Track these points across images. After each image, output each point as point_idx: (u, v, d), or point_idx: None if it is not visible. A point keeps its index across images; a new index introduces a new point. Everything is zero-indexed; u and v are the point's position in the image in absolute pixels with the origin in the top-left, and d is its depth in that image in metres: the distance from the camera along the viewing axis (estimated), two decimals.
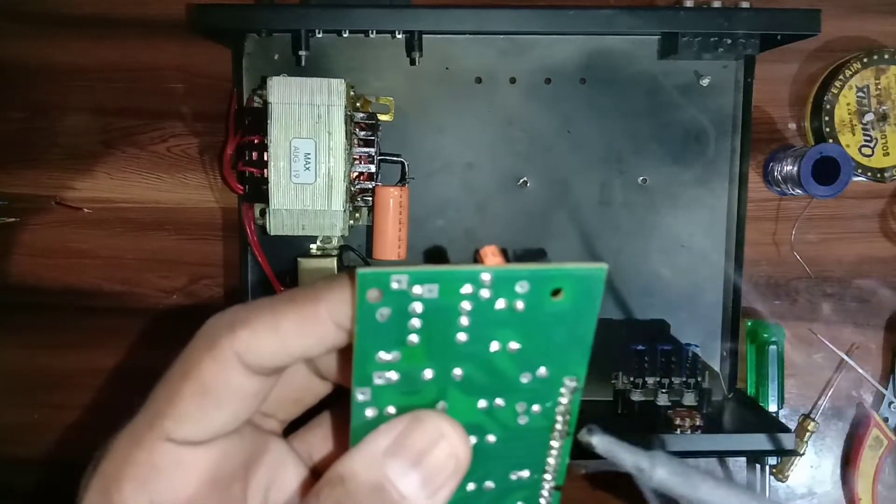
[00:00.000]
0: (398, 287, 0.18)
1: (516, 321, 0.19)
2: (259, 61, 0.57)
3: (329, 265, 0.56)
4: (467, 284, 0.19)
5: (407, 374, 0.20)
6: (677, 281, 0.61)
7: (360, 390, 0.20)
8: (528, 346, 0.20)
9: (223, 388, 0.20)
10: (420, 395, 0.20)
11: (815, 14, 0.53)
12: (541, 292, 0.19)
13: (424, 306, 0.19)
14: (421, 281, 0.18)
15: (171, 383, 0.20)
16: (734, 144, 0.59)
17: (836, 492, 0.65)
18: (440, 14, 0.54)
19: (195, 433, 0.20)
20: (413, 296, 0.19)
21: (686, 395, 0.58)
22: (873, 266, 0.64)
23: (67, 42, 0.61)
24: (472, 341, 0.19)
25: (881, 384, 0.63)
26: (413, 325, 0.19)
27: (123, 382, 0.63)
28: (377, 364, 0.19)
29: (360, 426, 0.20)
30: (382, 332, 0.19)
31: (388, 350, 0.19)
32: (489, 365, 0.20)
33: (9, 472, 0.64)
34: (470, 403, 0.20)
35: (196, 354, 0.20)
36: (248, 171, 0.54)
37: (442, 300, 0.19)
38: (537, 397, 0.20)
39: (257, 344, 0.20)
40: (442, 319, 0.19)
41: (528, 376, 0.20)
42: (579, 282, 0.19)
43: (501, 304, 0.19)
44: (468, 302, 0.19)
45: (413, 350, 0.19)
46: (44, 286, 0.63)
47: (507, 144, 0.59)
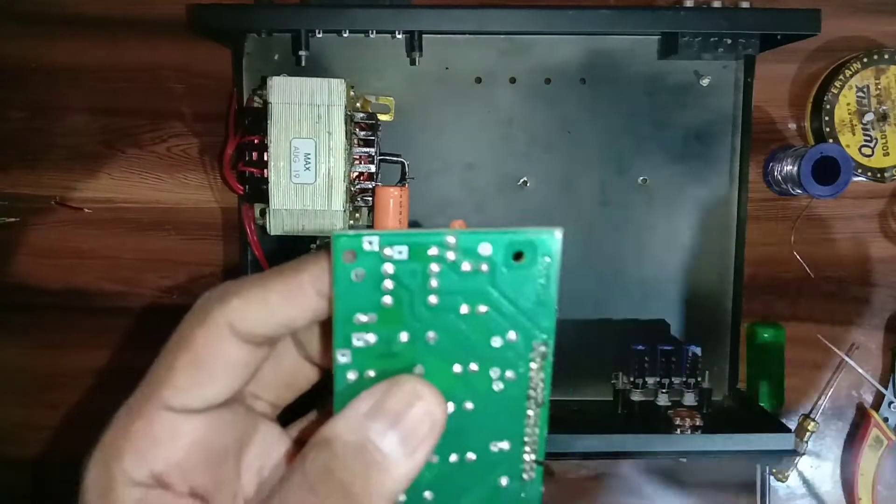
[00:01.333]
0: (370, 248, 0.20)
1: (482, 284, 0.21)
2: (259, 61, 0.57)
3: None
4: (434, 247, 0.20)
5: (384, 336, 0.21)
6: (677, 281, 0.61)
7: (341, 352, 0.21)
8: (496, 310, 0.21)
9: (217, 357, 0.21)
10: (398, 358, 0.21)
11: (815, 14, 0.53)
12: (503, 255, 0.20)
13: (396, 268, 0.20)
14: (391, 243, 0.20)
15: (168, 354, 0.22)
16: (734, 144, 0.59)
17: (836, 492, 0.65)
18: (440, 14, 0.54)
19: (191, 401, 0.21)
20: (384, 257, 0.20)
21: (686, 395, 0.58)
22: (873, 266, 0.64)
23: (67, 42, 0.61)
24: (442, 304, 0.21)
25: (881, 384, 0.63)
26: (386, 286, 0.20)
27: (123, 382, 0.62)
28: (355, 325, 0.21)
29: (343, 390, 0.21)
30: (358, 293, 0.20)
31: (365, 312, 0.21)
32: (460, 329, 0.21)
33: (9, 472, 0.64)
34: (445, 368, 0.21)
35: (190, 326, 0.21)
36: (248, 171, 0.54)
37: (411, 262, 0.20)
38: (509, 363, 0.21)
39: (247, 313, 0.21)
40: (413, 282, 0.20)
41: (499, 341, 0.21)
42: (537, 245, 0.20)
43: (467, 266, 0.20)
44: (436, 264, 0.20)
45: (388, 312, 0.21)
46: (44, 286, 0.63)
47: (507, 144, 0.59)
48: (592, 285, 0.60)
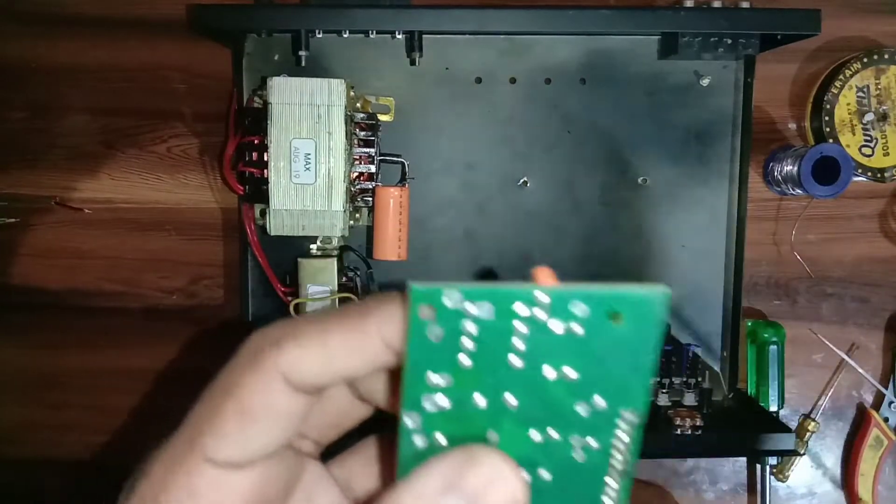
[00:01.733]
0: (451, 304, 0.18)
1: (573, 346, 0.18)
2: (259, 61, 0.57)
3: (329, 265, 0.56)
4: (522, 304, 0.18)
5: (458, 399, 0.19)
6: (677, 281, 0.61)
7: (409, 415, 0.19)
8: (585, 374, 0.19)
9: (266, 407, 0.19)
10: (471, 423, 0.19)
11: (815, 14, 0.53)
12: (599, 316, 0.18)
13: (478, 326, 0.18)
14: (475, 298, 0.18)
15: (213, 401, 0.19)
16: (734, 144, 0.59)
17: (836, 492, 0.65)
18: (440, 14, 0.54)
19: (236, 454, 0.19)
20: (466, 314, 0.18)
21: (686, 395, 0.58)
22: (873, 266, 0.64)
23: (67, 42, 0.61)
24: (526, 366, 0.19)
25: (881, 384, 0.63)
26: (465, 345, 0.18)
27: (123, 382, 0.63)
28: (427, 387, 0.19)
29: (408, 455, 0.19)
30: (434, 352, 0.18)
31: (439, 372, 0.19)
32: (544, 393, 0.19)
33: (9, 472, 0.64)
34: (523, 435, 0.19)
35: (239, 371, 0.19)
36: (248, 171, 0.54)
37: (496, 320, 0.18)
38: (594, 430, 0.19)
39: (304, 360, 0.19)
40: (495, 341, 0.18)
41: (585, 407, 0.19)
42: (639, 306, 0.18)
43: (558, 326, 0.18)
44: (523, 323, 0.18)
45: (465, 373, 0.19)
46: (44, 286, 0.63)
47: (507, 144, 0.59)
48: None
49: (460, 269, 0.60)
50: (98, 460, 0.63)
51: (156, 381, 0.63)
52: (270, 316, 0.59)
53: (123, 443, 0.63)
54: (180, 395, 0.63)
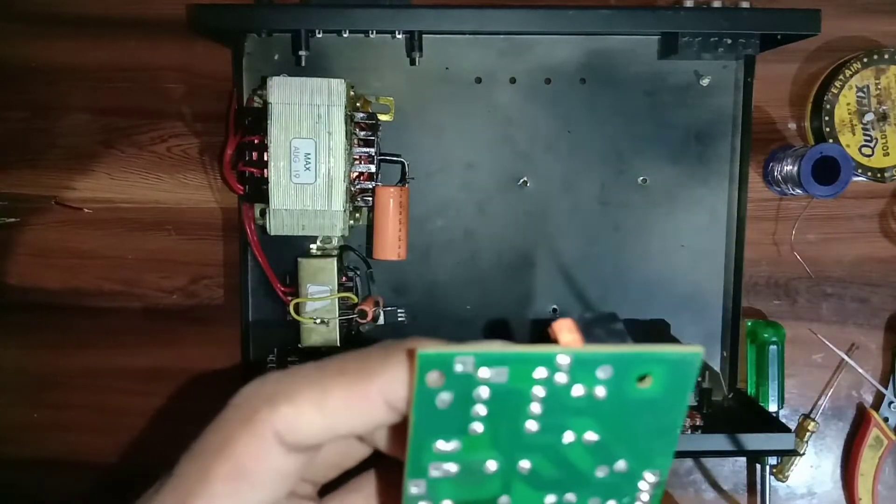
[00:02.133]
0: (463, 370, 0.16)
1: (595, 409, 0.17)
2: (259, 61, 0.57)
3: (329, 265, 0.56)
4: (541, 368, 0.17)
5: (467, 465, 0.18)
6: (677, 281, 0.61)
7: (414, 483, 0.18)
8: (607, 437, 0.17)
9: (260, 469, 0.18)
10: (481, 488, 0.18)
11: (815, 14, 0.53)
12: (625, 378, 0.17)
13: (491, 391, 0.17)
14: (489, 363, 0.16)
15: (203, 459, 0.18)
16: (734, 144, 0.59)
17: (836, 492, 0.65)
18: (440, 14, 0.54)
19: None
20: (479, 380, 0.17)
21: None
22: (873, 266, 0.64)
23: (67, 42, 0.61)
24: (543, 431, 0.17)
25: (881, 384, 0.63)
26: (477, 412, 0.17)
27: (123, 382, 0.63)
28: (434, 455, 0.17)
29: None
30: (442, 419, 0.17)
31: (448, 439, 0.17)
32: (561, 457, 0.18)
33: (9, 472, 0.64)
34: (537, 499, 0.18)
35: (231, 429, 0.18)
36: (248, 171, 0.54)
37: (511, 385, 0.17)
38: (613, 493, 0.18)
39: (300, 422, 0.18)
40: (510, 406, 0.17)
41: (605, 470, 0.18)
42: (671, 367, 0.17)
43: (579, 390, 0.17)
44: (541, 387, 0.17)
45: (476, 439, 0.17)
46: (44, 286, 0.63)
47: (507, 144, 0.59)
48: (592, 285, 0.60)
49: (460, 269, 0.60)
50: (98, 460, 0.63)
51: (156, 381, 0.63)
52: (270, 316, 0.59)
53: (123, 443, 0.63)
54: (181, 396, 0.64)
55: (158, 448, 0.62)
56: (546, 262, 0.60)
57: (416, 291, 0.60)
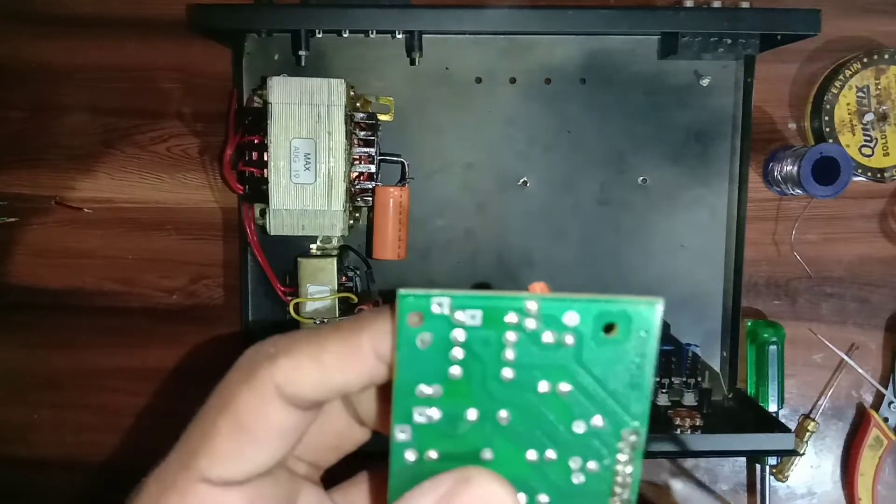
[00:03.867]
0: (439, 311, 0.18)
1: (566, 359, 0.18)
2: (259, 61, 0.57)
3: (329, 265, 0.56)
4: (512, 313, 0.18)
5: (449, 412, 0.19)
6: (677, 281, 0.61)
7: (400, 428, 0.19)
8: (581, 390, 0.18)
9: (262, 424, 0.19)
10: (464, 439, 0.19)
11: (815, 14, 0.53)
12: (592, 327, 0.18)
13: (467, 335, 0.18)
14: (463, 306, 0.18)
15: (207, 418, 0.19)
16: (734, 144, 0.59)
17: (836, 492, 0.65)
18: (440, 14, 0.54)
19: (231, 472, 0.19)
20: (455, 322, 0.18)
21: (686, 395, 0.58)
22: (873, 266, 0.64)
23: (67, 42, 0.61)
24: (518, 379, 0.18)
25: (881, 384, 0.63)
26: (455, 355, 0.18)
27: (124, 382, 0.63)
28: (418, 399, 0.18)
29: (400, 472, 0.19)
30: (423, 361, 0.18)
31: (430, 383, 0.18)
32: (538, 409, 0.18)
33: (9, 472, 0.64)
34: (518, 454, 0.19)
35: (233, 387, 0.19)
36: (248, 171, 0.54)
37: (485, 329, 0.18)
38: (593, 452, 0.19)
39: (298, 375, 0.19)
40: (486, 352, 0.18)
41: (582, 426, 0.18)
42: (635, 317, 0.18)
43: (549, 337, 0.18)
44: (514, 333, 0.18)
45: (456, 385, 0.18)
46: (44, 286, 0.63)
47: (507, 144, 0.59)
48: (592, 285, 0.60)
49: (460, 269, 0.60)
50: (98, 460, 0.63)
51: (156, 380, 0.63)
52: (270, 316, 0.59)
53: (123, 443, 0.63)
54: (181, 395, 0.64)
55: (158, 448, 0.62)
56: (546, 262, 0.60)
57: None
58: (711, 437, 0.54)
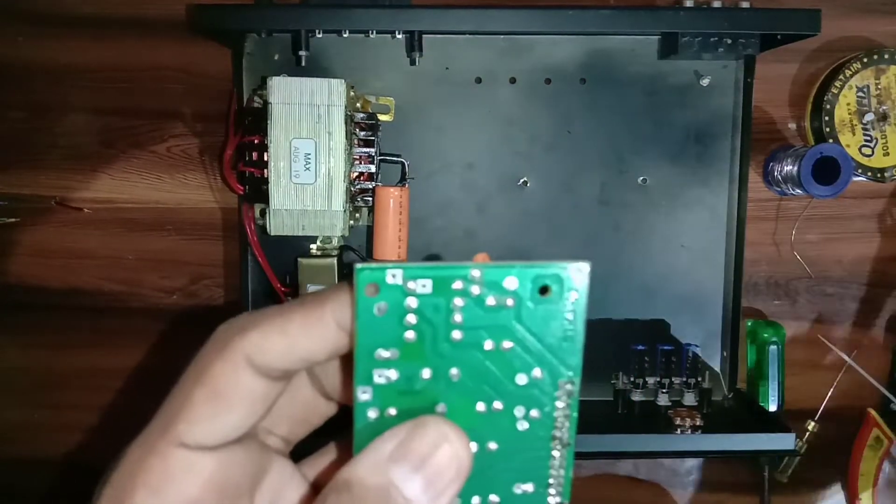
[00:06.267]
0: (393, 281, 0.20)
1: (507, 319, 0.20)
2: (259, 61, 0.57)
3: (329, 265, 0.56)
4: (458, 280, 0.20)
5: (406, 372, 0.20)
6: (677, 281, 0.61)
7: (362, 388, 0.20)
8: (521, 346, 0.20)
9: (234, 390, 0.20)
10: (420, 396, 0.21)
11: (815, 14, 0.53)
12: (529, 289, 0.20)
13: (419, 302, 0.20)
14: (414, 276, 0.20)
15: (184, 388, 0.21)
16: (734, 144, 0.59)
17: (836, 492, 0.65)
18: (440, 14, 0.54)
19: (207, 437, 0.20)
20: (408, 291, 0.20)
21: (686, 395, 0.58)
22: (873, 266, 0.64)
23: (67, 42, 0.61)
24: (466, 340, 0.20)
25: (881, 384, 0.63)
26: (409, 321, 0.20)
27: (123, 382, 0.63)
28: (377, 361, 0.20)
29: (363, 429, 0.21)
30: (381, 327, 0.20)
31: (387, 347, 0.20)
32: (484, 365, 0.20)
33: (9, 472, 0.64)
34: (468, 406, 0.21)
35: (207, 358, 0.21)
36: (248, 171, 0.54)
37: (435, 296, 0.20)
38: (534, 401, 0.21)
39: (266, 345, 0.20)
40: (436, 316, 0.20)
41: (524, 378, 0.20)
42: (565, 279, 0.20)
43: (492, 300, 0.20)
44: (460, 298, 0.20)
45: (411, 347, 0.20)
46: (44, 286, 0.63)
47: (507, 144, 0.59)
48: (592, 285, 0.60)
49: None
50: (98, 460, 0.63)
51: (156, 381, 0.63)
52: None
53: (123, 443, 0.63)
54: None
55: None
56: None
57: None
58: (711, 437, 0.54)
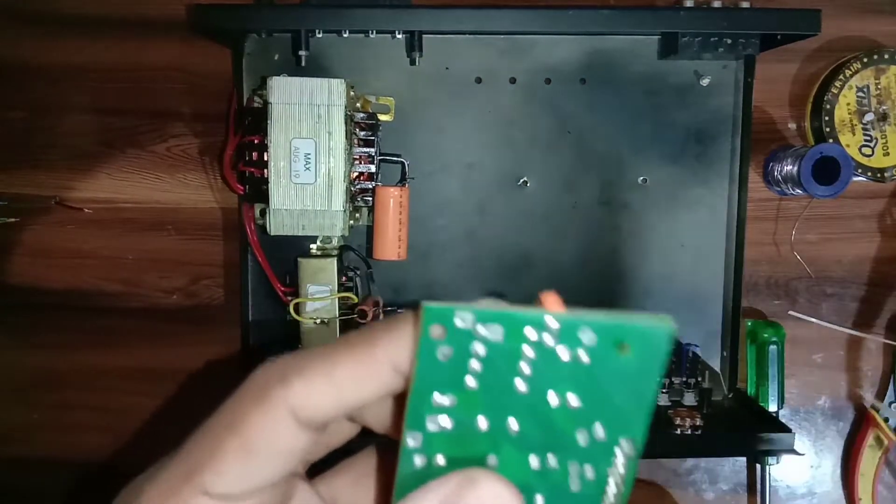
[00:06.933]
0: (462, 325, 0.18)
1: (578, 374, 0.19)
2: (259, 61, 0.57)
3: (329, 265, 0.56)
4: (532, 329, 0.18)
5: (461, 421, 0.19)
6: (677, 281, 0.61)
7: (412, 435, 0.19)
8: (588, 402, 0.19)
9: (271, 445, 0.19)
10: (472, 445, 0.19)
11: (815, 14, 0.53)
12: (606, 345, 0.18)
13: (487, 348, 0.18)
14: (486, 320, 0.18)
15: (215, 435, 0.19)
16: (734, 144, 0.59)
17: (836, 492, 0.65)
18: (440, 14, 0.54)
19: (235, 488, 0.19)
20: (477, 335, 0.18)
21: (686, 395, 0.58)
22: (873, 266, 0.64)
23: (67, 42, 0.61)
24: (531, 391, 0.19)
25: (881, 384, 0.63)
26: (473, 367, 0.19)
27: (123, 382, 0.63)
28: (432, 407, 0.19)
29: (407, 476, 0.19)
30: (441, 372, 0.18)
31: (445, 392, 0.19)
32: (546, 419, 0.19)
33: (9, 472, 0.64)
34: (522, 460, 0.19)
35: (244, 406, 0.19)
36: (248, 171, 0.54)
37: (505, 343, 0.18)
38: (591, 459, 0.19)
39: (312, 396, 0.19)
40: (503, 364, 0.19)
41: (585, 435, 0.19)
42: (646, 338, 0.18)
43: (564, 353, 0.18)
44: (531, 348, 0.18)
45: (470, 395, 0.19)
46: (44, 286, 0.63)
47: (507, 144, 0.59)
48: (592, 285, 0.60)
49: (460, 269, 0.60)
50: (98, 460, 0.63)
51: (156, 381, 0.63)
52: (270, 316, 0.59)
53: (123, 443, 0.63)
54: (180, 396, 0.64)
55: (158, 448, 0.62)
56: (546, 262, 0.60)
57: (416, 291, 0.60)
58: (711, 437, 0.54)
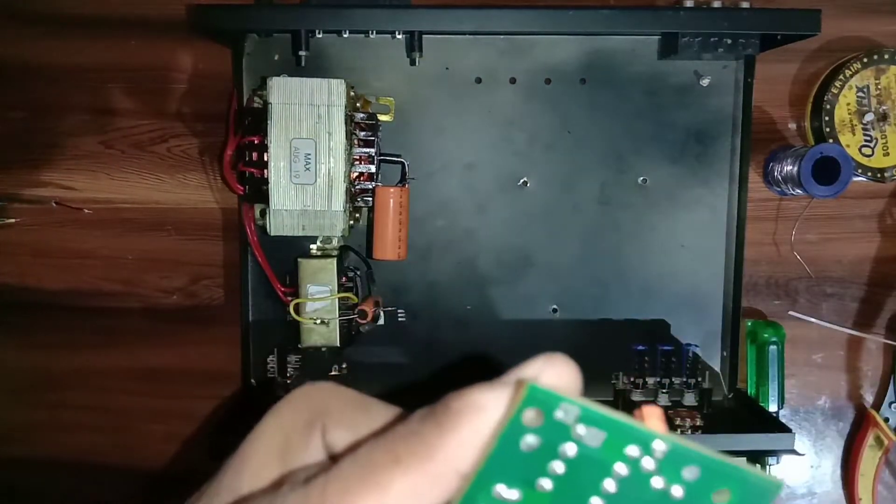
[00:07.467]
0: (562, 418, 0.16)
1: None
2: (259, 61, 0.57)
3: (329, 265, 0.56)
4: (635, 446, 0.16)
5: None
6: (677, 281, 0.61)
7: None
8: None
9: None
10: None
11: (815, 14, 0.53)
12: (707, 484, 0.16)
13: (578, 451, 0.16)
14: (590, 422, 0.16)
15: None
16: (734, 144, 0.59)
17: (836, 492, 0.65)
18: (440, 14, 0.54)
19: None
20: (573, 434, 0.16)
21: (686, 395, 0.58)
22: (873, 266, 0.64)
23: (67, 42, 0.61)
24: None
25: (881, 384, 0.63)
26: (554, 468, 0.16)
27: (123, 382, 0.63)
28: (491, 498, 0.16)
29: None
30: (517, 463, 0.16)
31: (513, 486, 0.16)
32: None
33: (9, 472, 0.64)
34: None
35: None
36: (248, 171, 0.54)
37: (601, 452, 0.16)
38: None
39: None
40: (589, 474, 0.16)
41: None
42: (753, 490, 0.16)
43: (658, 481, 0.16)
44: (625, 466, 0.16)
45: (538, 496, 0.16)
46: (44, 286, 0.63)
47: (507, 144, 0.59)
48: (592, 285, 0.60)
49: (460, 269, 0.60)
50: (97, 460, 0.63)
51: (156, 380, 0.63)
52: (270, 316, 0.59)
53: (123, 443, 0.63)
54: (180, 396, 0.64)
55: (158, 448, 0.62)
56: (546, 262, 0.60)
57: (416, 291, 0.60)
58: (711, 437, 0.54)
